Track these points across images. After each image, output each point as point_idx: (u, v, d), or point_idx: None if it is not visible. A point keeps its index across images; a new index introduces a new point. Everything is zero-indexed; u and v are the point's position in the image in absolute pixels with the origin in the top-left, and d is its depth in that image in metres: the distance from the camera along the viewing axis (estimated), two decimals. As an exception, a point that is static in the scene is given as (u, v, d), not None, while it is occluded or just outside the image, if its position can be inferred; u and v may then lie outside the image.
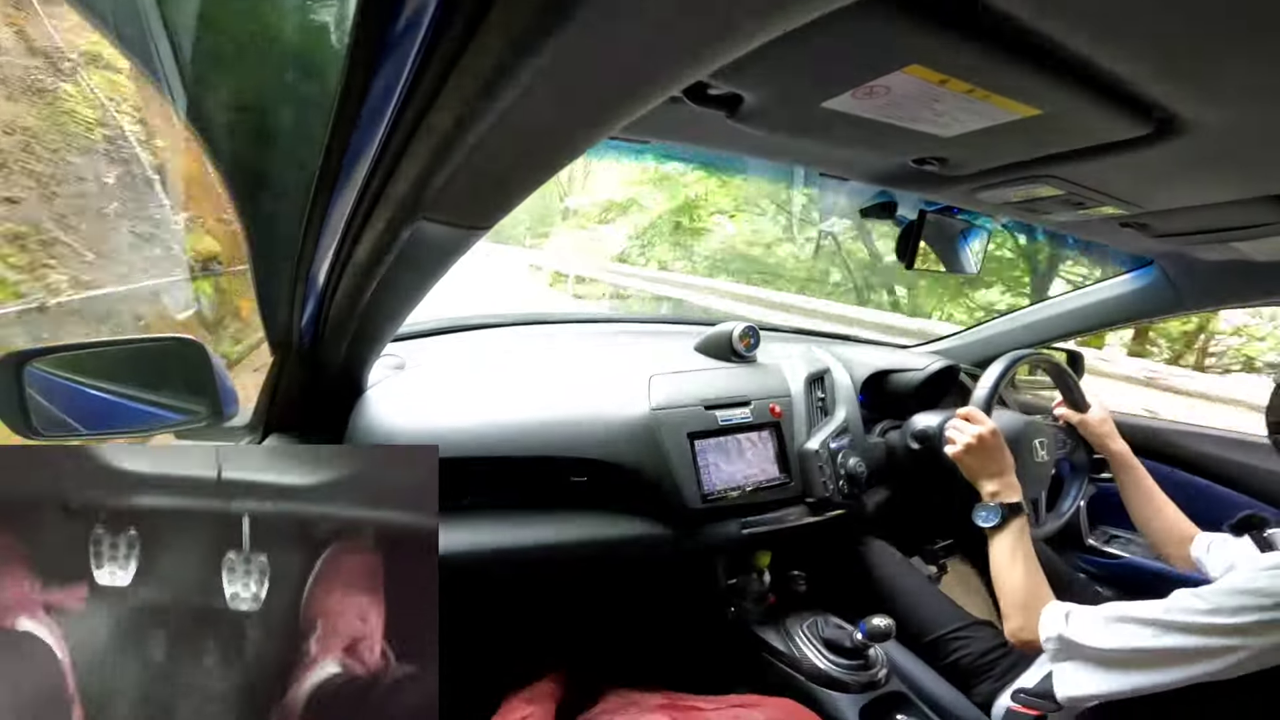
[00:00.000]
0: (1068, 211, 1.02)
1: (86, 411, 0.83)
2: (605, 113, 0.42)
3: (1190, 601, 0.73)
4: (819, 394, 1.40)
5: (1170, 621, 0.73)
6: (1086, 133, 0.68)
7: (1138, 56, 0.51)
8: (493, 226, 0.60)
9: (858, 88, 0.58)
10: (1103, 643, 0.77)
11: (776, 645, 1.21)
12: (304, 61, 0.51)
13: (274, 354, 0.92)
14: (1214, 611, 0.70)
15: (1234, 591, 0.71)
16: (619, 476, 1.13)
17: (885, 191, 1.14)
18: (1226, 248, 1.15)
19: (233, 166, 0.62)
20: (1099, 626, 0.79)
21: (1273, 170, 0.77)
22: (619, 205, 10.98)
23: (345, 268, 0.66)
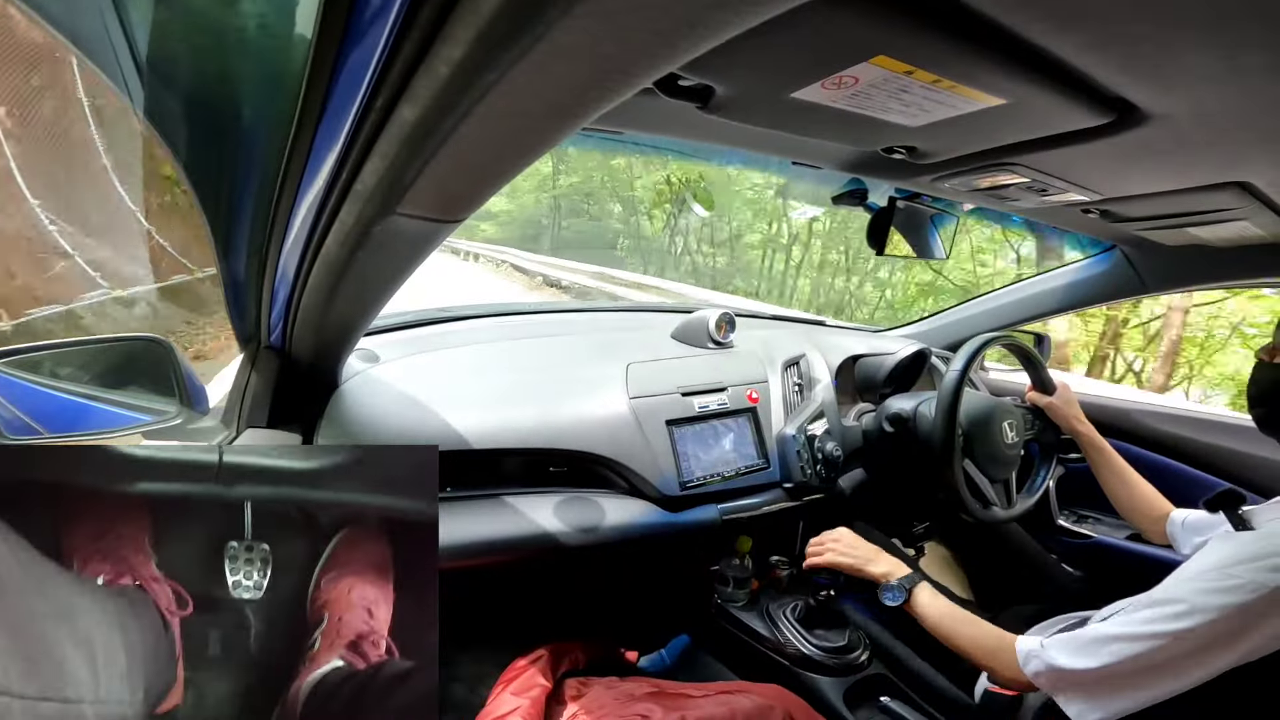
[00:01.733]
0: (1032, 199, 1.04)
1: (50, 413, 0.81)
2: (577, 105, 0.41)
3: (1152, 611, 0.73)
4: (795, 379, 1.41)
5: (1144, 634, 0.73)
6: (1050, 122, 0.69)
7: (1098, 47, 0.53)
8: (466, 218, 0.59)
9: (827, 78, 0.59)
10: (1091, 663, 0.76)
11: (760, 631, 1.23)
12: (268, 52, 0.50)
13: (243, 350, 0.90)
14: (1190, 613, 0.70)
15: (1208, 590, 0.71)
16: (598, 466, 1.13)
17: (856, 179, 1.15)
18: (1184, 233, 1.19)
19: (193, 161, 0.61)
20: (1080, 649, 0.78)
21: (1227, 159, 0.79)
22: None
23: (314, 262, 0.65)
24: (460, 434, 1.04)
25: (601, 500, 1.14)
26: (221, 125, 0.57)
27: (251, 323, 0.84)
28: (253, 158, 0.59)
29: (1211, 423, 1.60)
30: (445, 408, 1.07)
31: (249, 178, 0.61)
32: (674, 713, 0.90)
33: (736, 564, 1.31)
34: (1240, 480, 1.45)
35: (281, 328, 0.83)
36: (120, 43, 0.49)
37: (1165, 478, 1.45)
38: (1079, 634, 0.79)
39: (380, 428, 1.00)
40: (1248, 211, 0.98)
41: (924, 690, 1.12)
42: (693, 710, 0.91)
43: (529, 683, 1.03)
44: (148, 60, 0.49)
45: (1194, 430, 1.60)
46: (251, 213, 0.65)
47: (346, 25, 0.39)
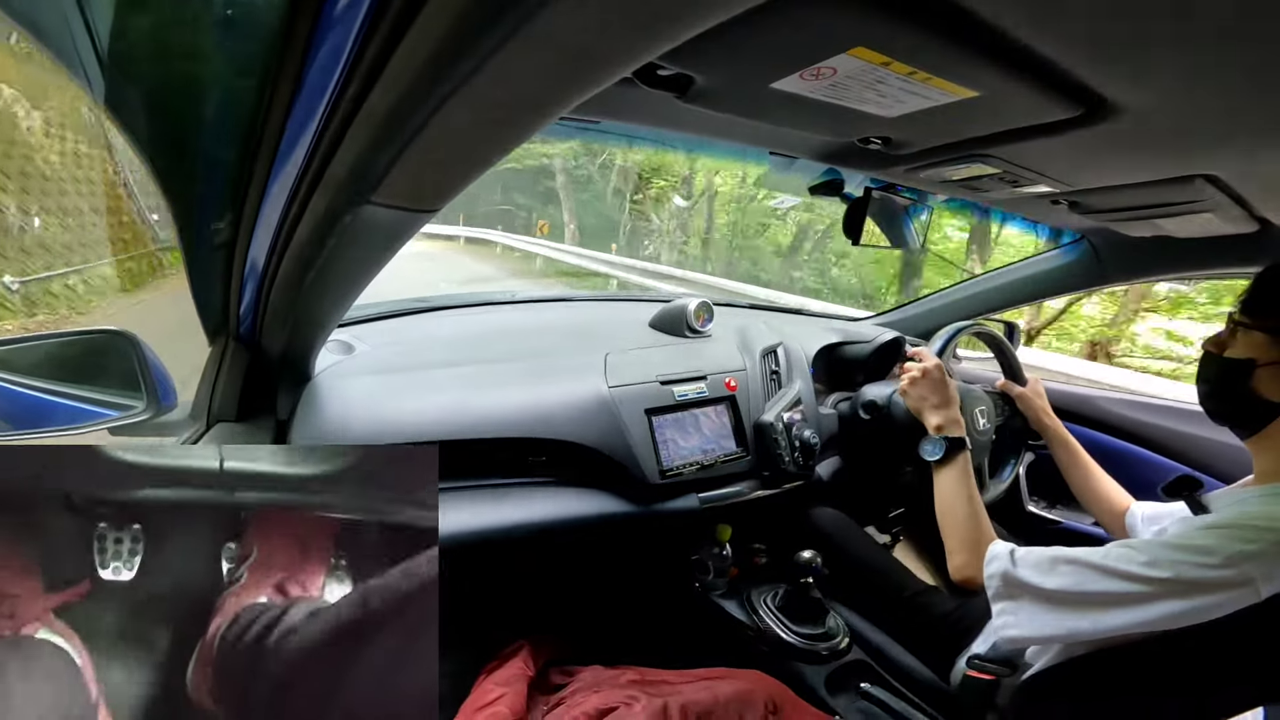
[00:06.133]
0: (1004, 190, 1.05)
1: (12, 410, 0.79)
2: (554, 94, 0.41)
3: (1128, 552, 0.76)
4: (772, 367, 1.42)
5: (1110, 567, 0.76)
6: (1021, 114, 0.70)
7: (1070, 40, 0.53)
8: (441, 208, 0.58)
9: (805, 69, 0.59)
10: (1045, 582, 0.79)
11: (740, 618, 1.25)
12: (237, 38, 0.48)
13: (212, 343, 0.88)
14: (1150, 564, 0.73)
15: (1168, 546, 0.74)
16: (578, 454, 1.13)
17: (832, 170, 1.16)
18: (1150, 224, 1.22)
19: (157, 150, 0.58)
20: (1044, 566, 0.81)
21: (1193, 152, 0.81)
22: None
23: (285, 253, 0.63)
24: (436, 425, 1.03)
25: (581, 489, 1.14)
26: (186, 113, 0.55)
27: (220, 315, 0.82)
28: (219, 147, 0.57)
29: (1173, 409, 1.64)
30: (421, 399, 1.06)
31: (216, 168, 0.60)
32: (657, 699, 0.91)
33: (716, 552, 1.32)
34: (1201, 465, 1.50)
35: (251, 320, 0.81)
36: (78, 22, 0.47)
37: (1128, 463, 1.49)
38: (1046, 551, 0.83)
39: (354, 420, 0.99)
40: (1213, 204, 1.01)
41: (903, 676, 1.15)
42: (675, 696, 0.92)
43: (511, 672, 1.03)
44: (109, 45, 0.48)
45: (1156, 416, 1.64)
46: (219, 203, 0.63)
47: (319, 10, 0.38)
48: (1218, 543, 0.72)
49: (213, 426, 0.93)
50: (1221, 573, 0.70)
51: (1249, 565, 0.70)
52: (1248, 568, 0.69)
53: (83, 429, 0.79)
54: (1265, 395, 0.79)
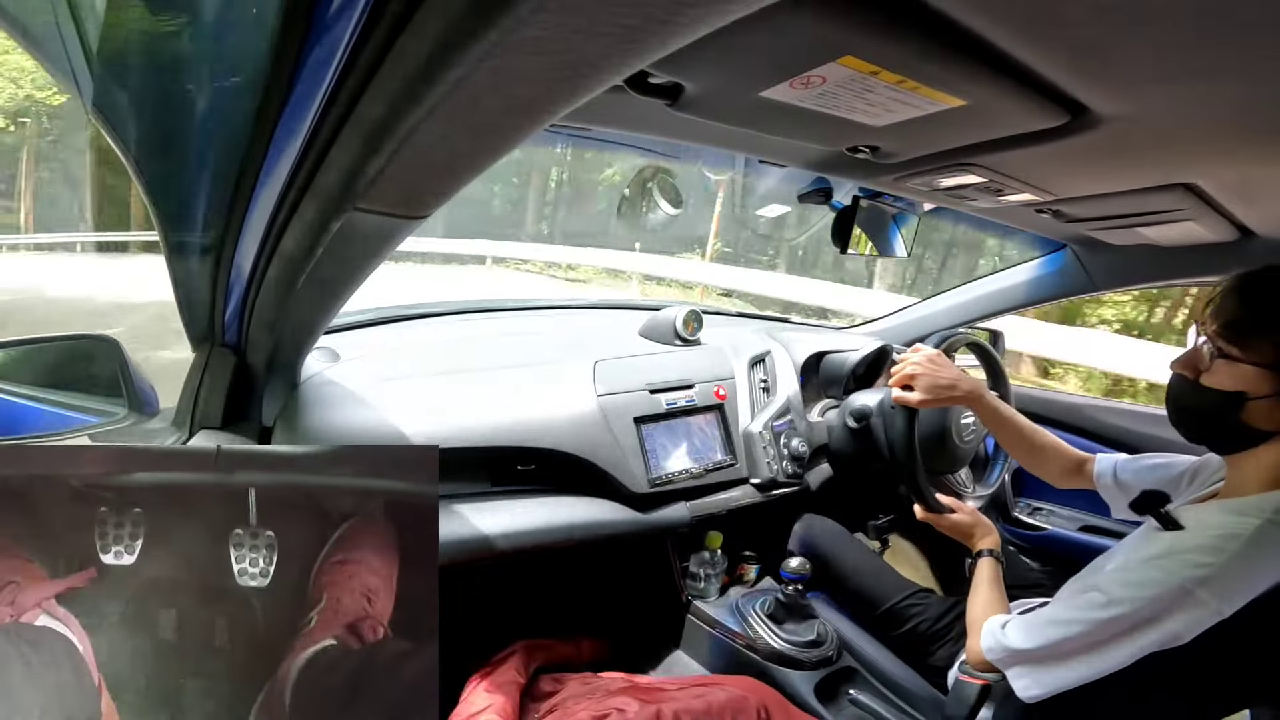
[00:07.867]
0: (989, 198, 1.07)
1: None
2: (545, 101, 0.41)
3: (1091, 596, 0.79)
4: (761, 376, 1.43)
5: (1080, 618, 0.79)
6: (1007, 123, 0.71)
7: (1054, 51, 0.54)
8: (430, 215, 0.58)
9: (795, 78, 0.59)
10: (1034, 644, 0.83)
11: (731, 626, 1.24)
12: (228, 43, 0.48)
13: (196, 350, 0.87)
14: (1110, 604, 0.76)
15: (1124, 582, 0.77)
16: (567, 463, 1.12)
17: (821, 178, 1.17)
18: (1132, 233, 1.24)
19: (143, 156, 0.58)
20: (1029, 630, 0.85)
21: (1175, 161, 0.83)
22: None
23: (272, 259, 0.63)
24: (424, 434, 1.02)
25: (570, 499, 1.13)
26: (174, 119, 0.55)
27: (205, 322, 0.81)
28: (207, 153, 0.57)
29: (1155, 416, 1.66)
30: (407, 407, 1.05)
31: (203, 173, 0.59)
32: (649, 706, 0.91)
33: (706, 560, 1.32)
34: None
35: (237, 327, 0.80)
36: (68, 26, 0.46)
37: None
38: (1029, 617, 0.87)
39: (340, 428, 0.98)
40: (1194, 213, 1.02)
41: (891, 683, 1.15)
42: (668, 704, 0.92)
43: (503, 679, 1.03)
44: (98, 48, 0.47)
45: (1138, 423, 1.66)
46: (205, 209, 0.63)
47: (311, 16, 0.37)
48: (1164, 575, 0.74)
49: (196, 433, 0.91)
50: (1174, 603, 0.73)
51: (1202, 590, 0.72)
52: (1201, 593, 0.72)
53: (63, 435, 0.77)
54: (1257, 425, 0.76)
